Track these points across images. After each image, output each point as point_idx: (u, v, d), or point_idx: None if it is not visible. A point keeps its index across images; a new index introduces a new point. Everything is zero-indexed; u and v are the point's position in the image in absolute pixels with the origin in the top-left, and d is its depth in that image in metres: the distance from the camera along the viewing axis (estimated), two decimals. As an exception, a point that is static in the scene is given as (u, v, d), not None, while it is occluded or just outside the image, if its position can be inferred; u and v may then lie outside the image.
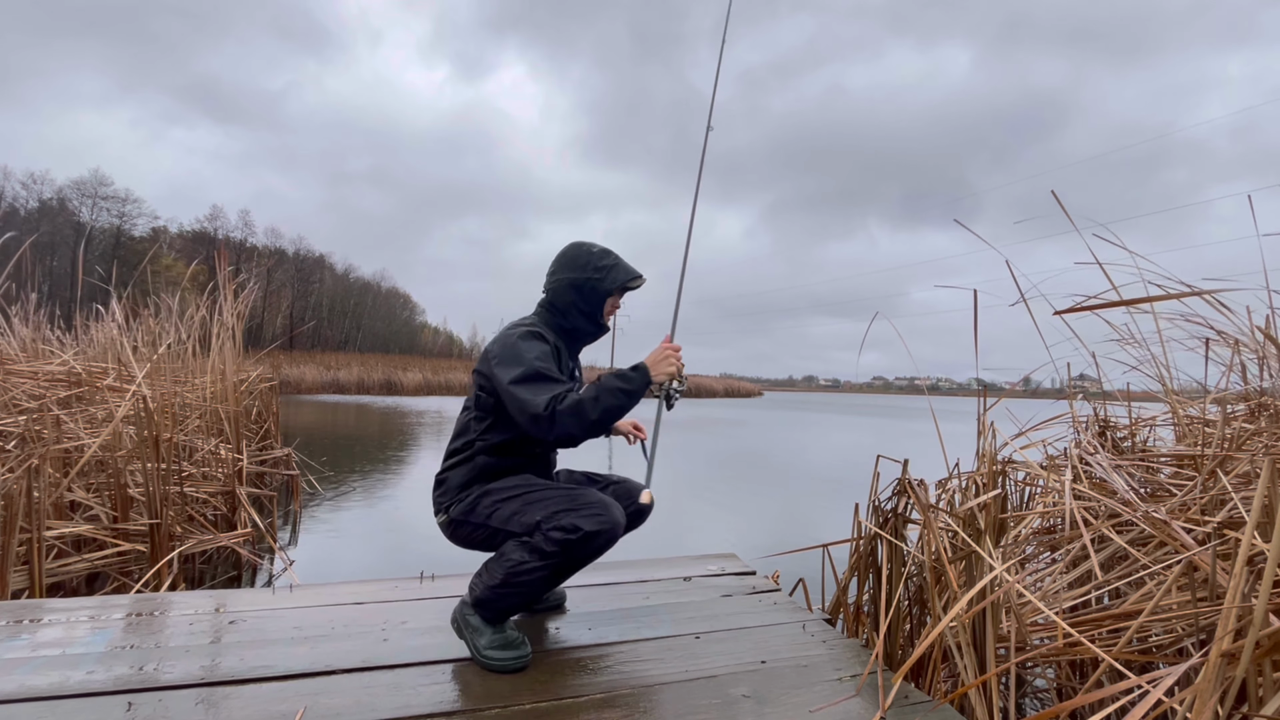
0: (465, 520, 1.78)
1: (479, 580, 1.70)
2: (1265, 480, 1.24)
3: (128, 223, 44.00)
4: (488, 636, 1.64)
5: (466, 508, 1.78)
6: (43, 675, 1.48)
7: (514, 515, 1.71)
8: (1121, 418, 2.82)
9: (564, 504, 1.67)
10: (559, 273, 1.91)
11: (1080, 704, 1.16)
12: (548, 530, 1.62)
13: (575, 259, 1.91)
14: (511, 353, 1.74)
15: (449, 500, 1.82)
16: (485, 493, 1.79)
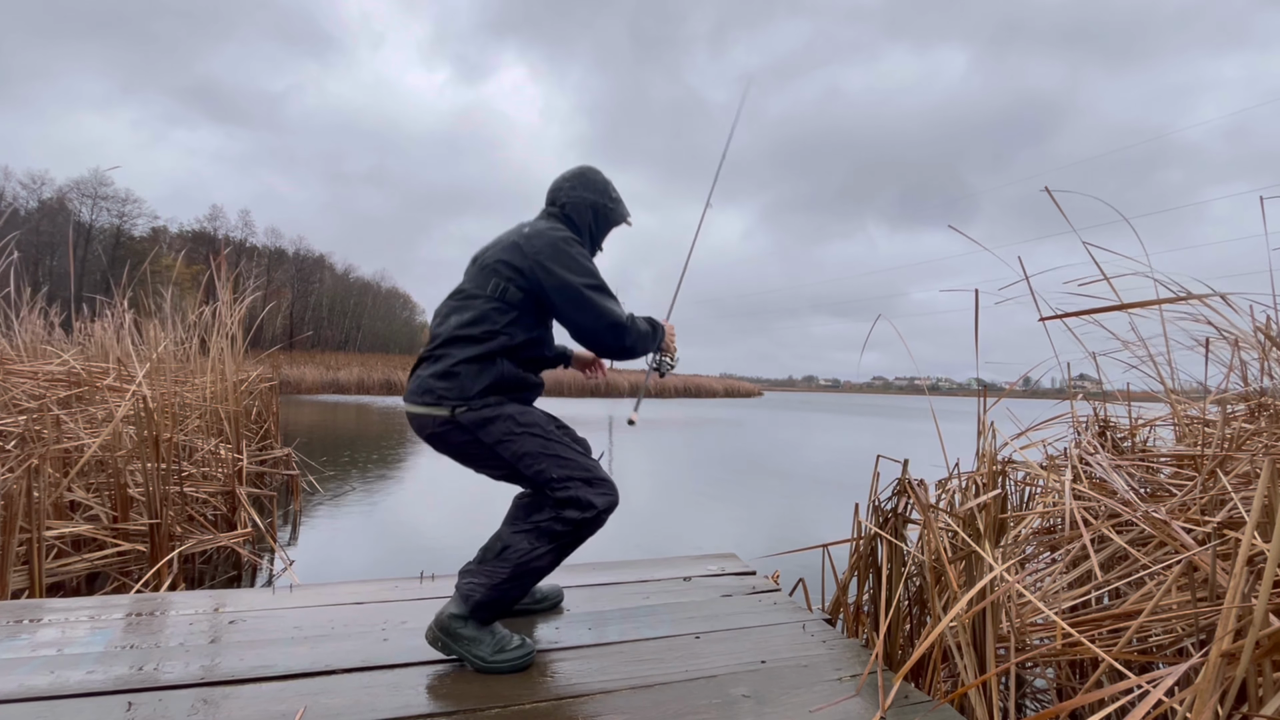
0: (472, 431, 1.65)
1: (478, 583, 1.60)
2: (1265, 480, 1.24)
3: (128, 223, 44.02)
4: (488, 643, 1.59)
5: (479, 419, 1.65)
6: (43, 675, 1.48)
7: (528, 456, 1.64)
8: (1121, 418, 2.82)
9: (580, 471, 1.66)
10: (579, 190, 1.89)
11: (1080, 704, 1.16)
12: (560, 500, 1.60)
13: (594, 182, 1.91)
14: (572, 258, 1.72)
15: (459, 398, 1.65)
16: (506, 415, 1.67)
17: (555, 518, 1.60)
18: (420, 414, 1.67)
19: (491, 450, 1.65)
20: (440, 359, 1.69)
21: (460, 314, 1.73)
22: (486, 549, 1.65)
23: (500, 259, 1.74)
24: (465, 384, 1.65)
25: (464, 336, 1.69)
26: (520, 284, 1.72)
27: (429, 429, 1.68)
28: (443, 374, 1.66)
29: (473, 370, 1.66)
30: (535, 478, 1.64)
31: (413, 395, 1.70)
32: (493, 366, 1.69)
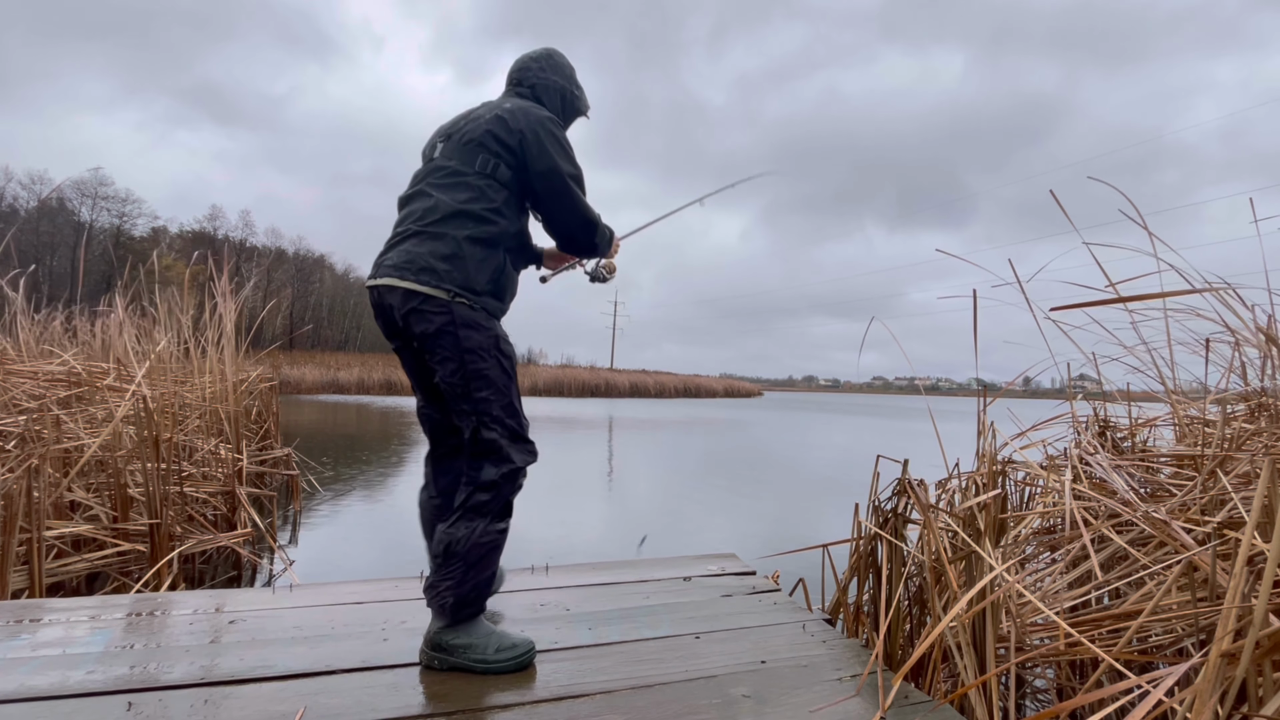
0: (455, 325, 1.53)
1: (445, 588, 1.53)
2: (1265, 480, 1.24)
3: (128, 223, 44.03)
4: (486, 643, 1.55)
5: (472, 318, 1.55)
6: (43, 675, 1.48)
7: (484, 380, 1.56)
8: (1121, 418, 2.82)
9: (514, 422, 1.61)
10: (549, 73, 1.83)
11: (1080, 704, 1.16)
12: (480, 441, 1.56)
13: (563, 66, 1.86)
14: (560, 144, 1.68)
15: (463, 286, 1.55)
16: (493, 332, 1.60)
17: (474, 487, 1.55)
18: (408, 289, 1.53)
19: (460, 354, 1.54)
20: (439, 237, 1.56)
21: (454, 191, 1.60)
22: (434, 556, 1.58)
23: (487, 132, 1.63)
24: (471, 272, 1.56)
25: (466, 212, 1.58)
26: (510, 162, 1.63)
27: (409, 305, 1.54)
28: (447, 255, 1.55)
29: (478, 255, 1.58)
30: (477, 405, 1.56)
31: (401, 270, 1.55)
32: (495, 255, 1.62)
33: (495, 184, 1.63)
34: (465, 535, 1.54)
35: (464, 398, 1.57)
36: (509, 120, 1.65)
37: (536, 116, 1.68)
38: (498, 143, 1.63)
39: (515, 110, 1.67)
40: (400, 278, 1.54)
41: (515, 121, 1.65)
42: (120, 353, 4.33)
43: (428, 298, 1.53)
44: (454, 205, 1.59)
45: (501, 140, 1.63)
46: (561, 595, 2.12)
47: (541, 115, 1.70)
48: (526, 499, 1.76)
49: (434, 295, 1.53)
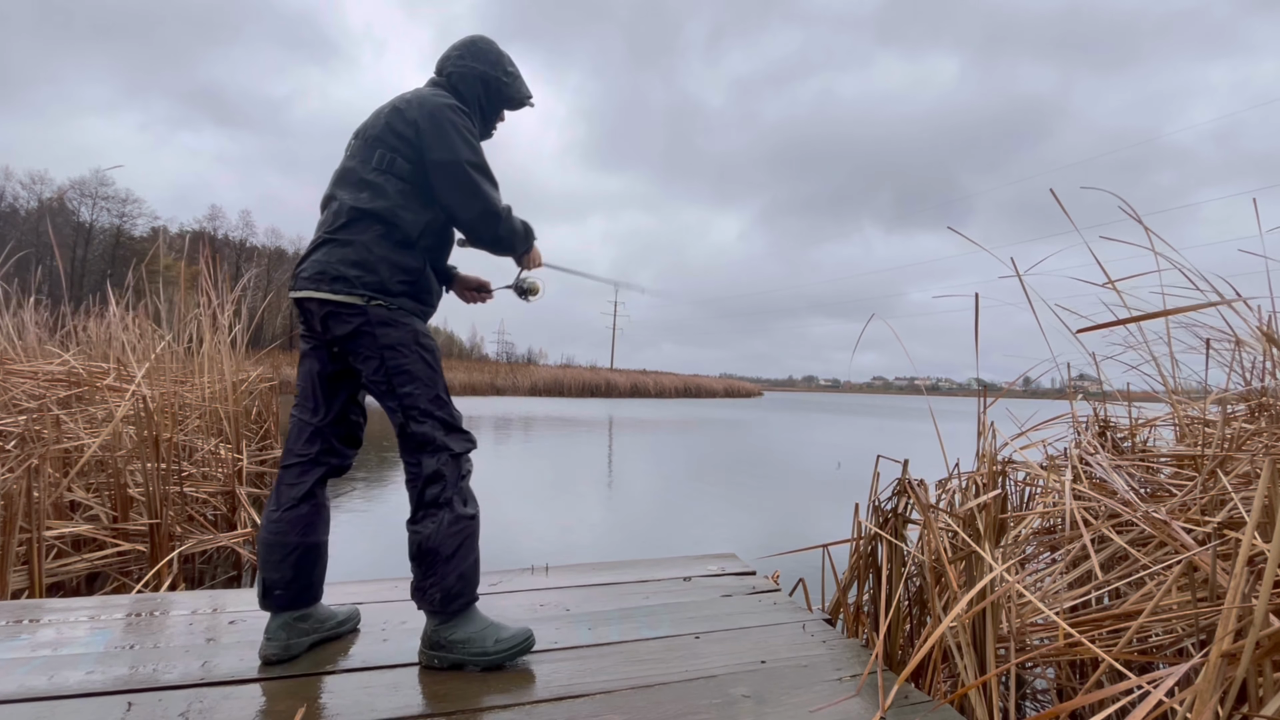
0: (373, 326, 1.54)
1: (430, 585, 1.54)
2: (1265, 480, 1.24)
3: (128, 222, 44.00)
4: (485, 636, 1.56)
5: (388, 317, 1.56)
6: (42, 675, 1.48)
7: (407, 374, 1.57)
8: (1121, 418, 2.82)
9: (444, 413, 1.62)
10: (467, 60, 1.76)
11: (1080, 704, 1.16)
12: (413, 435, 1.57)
13: (487, 53, 1.78)
14: (456, 128, 1.60)
15: (377, 290, 1.55)
16: (411, 327, 1.59)
17: (421, 482, 1.57)
18: (322, 299, 1.55)
19: (379, 351, 1.56)
20: (347, 243, 1.57)
21: (356, 191, 1.60)
22: (412, 559, 1.58)
23: (385, 125, 1.62)
24: (384, 275, 1.57)
25: (369, 213, 1.57)
26: (407, 154, 1.60)
27: (325, 310, 1.55)
28: (357, 261, 1.55)
29: (390, 258, 1.58)
30: (402, 399, 1.57)
31: (315, 281, 1.56)
32: (407, 255, 1.61)
33: (393, 179, 1.60)
34: (434, 530, 1.55)
35: (389, 394, 1.59)
36: (404, 110, 1.62)
37: (434, 103, 1.63)
38: (394, 135, 1.61)
39: (412, 99, 1.65)
40: (315, 289, 1.56)
41: (410, 111, 1.62)
42: (119, 352, 4.32)
43: (341, 304, 1.55)
44: (357, 207, 1.58)
45: (397, 132, 1.61)
46: (561, 595, 2.11)
47: (439, 102, 1.64)
48: (527, 499, 1.76)
49: (349, 302, 1.55)
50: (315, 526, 1.66)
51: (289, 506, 1.63)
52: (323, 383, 1.66)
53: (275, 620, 1.61)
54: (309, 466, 1.67)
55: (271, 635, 1.60)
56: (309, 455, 1.67)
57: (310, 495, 1.65)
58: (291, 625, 1.62)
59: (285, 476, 1.66)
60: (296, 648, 1.61)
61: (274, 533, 1.62)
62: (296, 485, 1.65)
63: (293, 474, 1.66)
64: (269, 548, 1.61)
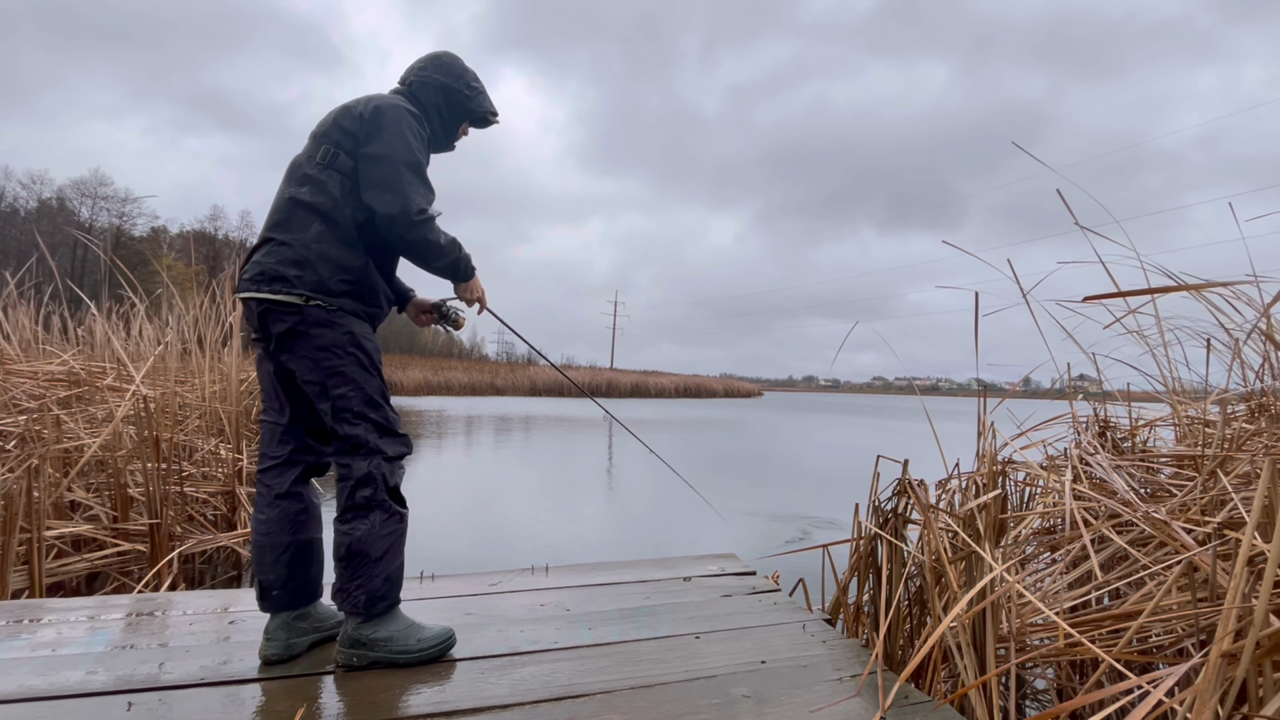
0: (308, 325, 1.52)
1: (355, 587, 1.53)
2: (1265, 480, 1.24)
3: (128, 222, 44.00)
4: (406, 635, 1.57)
5: (325, 318, 1.53)
6: (42, 675, 1.48)
7: (341, 377, 1.54)
8: (1121, 418, 2.82)
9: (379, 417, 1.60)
10: (428, 71, 1.77)
11: (1080, 704, 1.16)
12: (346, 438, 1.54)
13: (450, 67, 1.80)
14: (398, 128, 1.59)
15: (314, 289, 1.52)
16: (347, 329, 1.56)
17: (352, 484, 1.55)
18: (263, 299, 1.54)
19: (314, 352, 1.54)
20: (286, 243, 1.55)
21: (298, 187, 1.59)
22: (339, 560, 1.56)
23: (333, 122, 1.62)
24: (323, 274, 1.54)
25: (309, 207, 1.56)
26: (349, 149, 1.59)
27: (263, 308, 1.55)
28: (296, 260, 1.54)
29: (329, 255, 1.55)
30: (335, 401, 1.55)
31: (256, 282, 1.54)
32: (349, 253, 1.58)
33: (334, 173, 1.58)
34: (365, 532, 1.54)
35: (322, 395, 1.57)
36: (353, 108, 1.63)
37: (383, 101, 1.63)
38: (340, 130, 1.60)
39: (363, 98, 1.65)
40: (256, 289, 1.55)
41: (357, 107, 1.62)
42: (118, 351, 4.32)
43: (280, 303, 1.54)
44: (297, 200, 1.57)
45: (343, 128, 1.60)
46: (561, 595, 2.12)
47: (390, 101, 1.64)
48: (527, 499, 1.77)
49: (286, 301, 1.53)
50: (305, 524, 1.65)
51: (273, 507, 1.63)
52: (281, 383, 1.65)
53: (274, 620, 1.62)
54: (284, 467, 1.66)
55: (271, 635, 1.60)
56: (282, 456, 1.66)
57: (293, 494, 1.64)
58: (291, 625, 1.62)
59: (264, 479, 1.66)
60: (297, 647, 1.61)
61: (264, 534, 1.61)
62: (275, 485, 1.64)
63: (270, 475, 1.66)
64: (261, 549, 1.62)
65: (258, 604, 1.63)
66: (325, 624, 1.71)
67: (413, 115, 1.67)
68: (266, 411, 1.68)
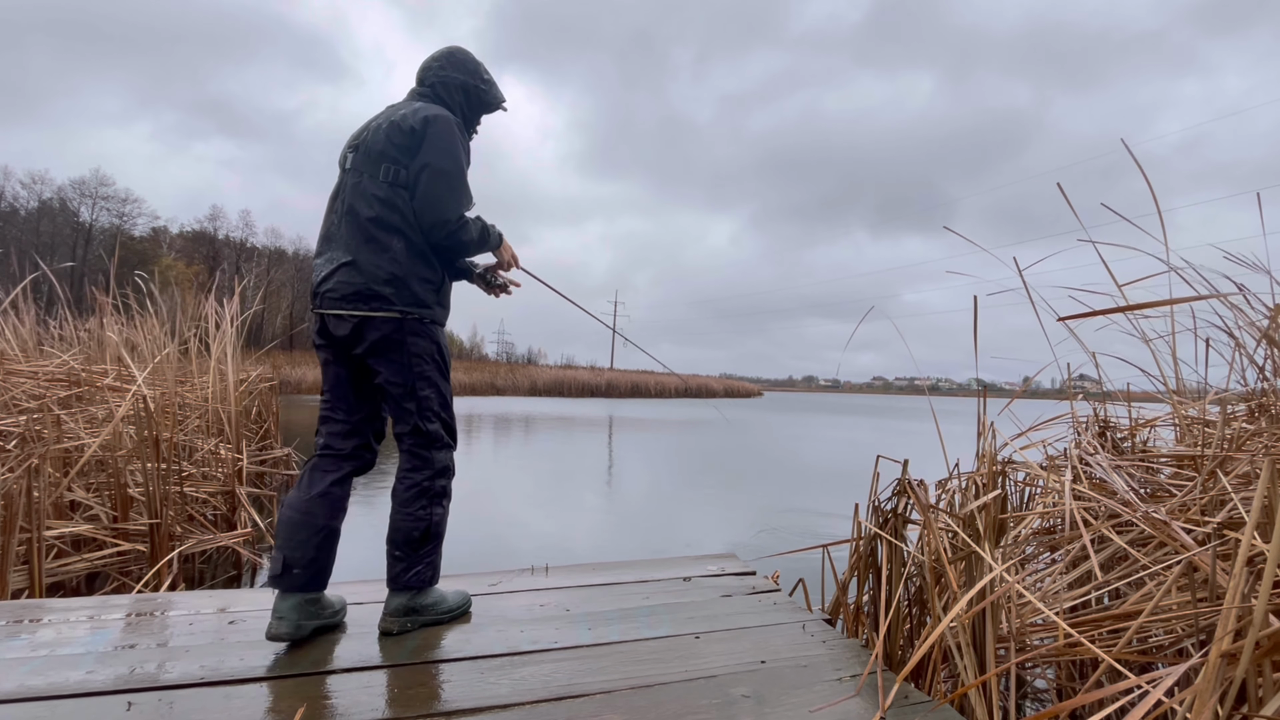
0: (403, 334, 1.69)
1: (430, 561, 1.77)
2: (1265, 480, 1.24)
3: (128, 222, 43.97)
4: (446, 598, 1.83)
5: (419, 327, 1.71)
6: (42, 675, 1.48)
7: (427, 381, 1.75)
8: (1122, 418, 2.82)
9: (450, 417, 1.85)
10: (448, 70, 1.85)
11: (1080, 704, 1.16)
12: (424, 433, 1.76)
13: (465, 63, 1.88)
14: (451, 141, 1.72)
15: (412, 304, 1.69)
16: (435, 339, 1.76)
17: (431, 472, 1.77)
18: (359, 317, 1.67)
19: (406, 358, 1.72)
20: (376, 261, 1.66)
21: (373, 207, 1.68)
22: (412, 542, 1.75)
23: (387, 139, 1.70)
24: (416, 290, 1.70)
25: (388, 227, 1.67)
26: (408, 164, 1.70)
27: (349, 328, 1.67)
28: (387, 279, 1.66)
29: (416, 272, 1.70)
30: (421, 401, 1.76)
31: (351, 301, 1.66)
32: (430, 267, 1.74)
33: (402, 190, 1.69)
34: (441, 516, 1.80)
35: (409, 396, 1.75)
36: (401, 124, 1.71)
37: (433, 112, 1.73)
38: (396, 149, 1.69)
39: (408, 113, 1.73)
40: (353, 308, 1.67)
41: (406, 123, 1.72)
42: (120, 353, 4.32)
43: (379, 319, 1.68)
44: (375, 222, 1.68)
45: (399, 145, 1.70)
46: (561, 596, 2.12)
47: (439, 112, 1.74)
48: (527, 499, 1.80)
49: (386, 316, 1.68)
50: (338, 513, 1.76)
51: (321, 491, 1.72)
52: (355, 386, 1.79)
53: (287, 601, 1.65)
54: (344, 460, 1.78)
55: (283, 615, 1.63)
56: (345, 450, 1.79)
57: (343, 483, 1.77)
58: (302, 607, 1.67)
59: (321, 464, 1.76)
60: (305, 629, 1.66)
61: (303, 513, 1.69)
62: (330, 473, 1.75)
63: (328, 463, 1.76)
64: (295, 527, 1.68)
65: (271, 582, 1.68)
66: (327, 611, 1.77)
67: (456, 122, 1.78)
68: (334, 410, 1.80)
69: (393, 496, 1.80)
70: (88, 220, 41.92)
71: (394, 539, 1.77)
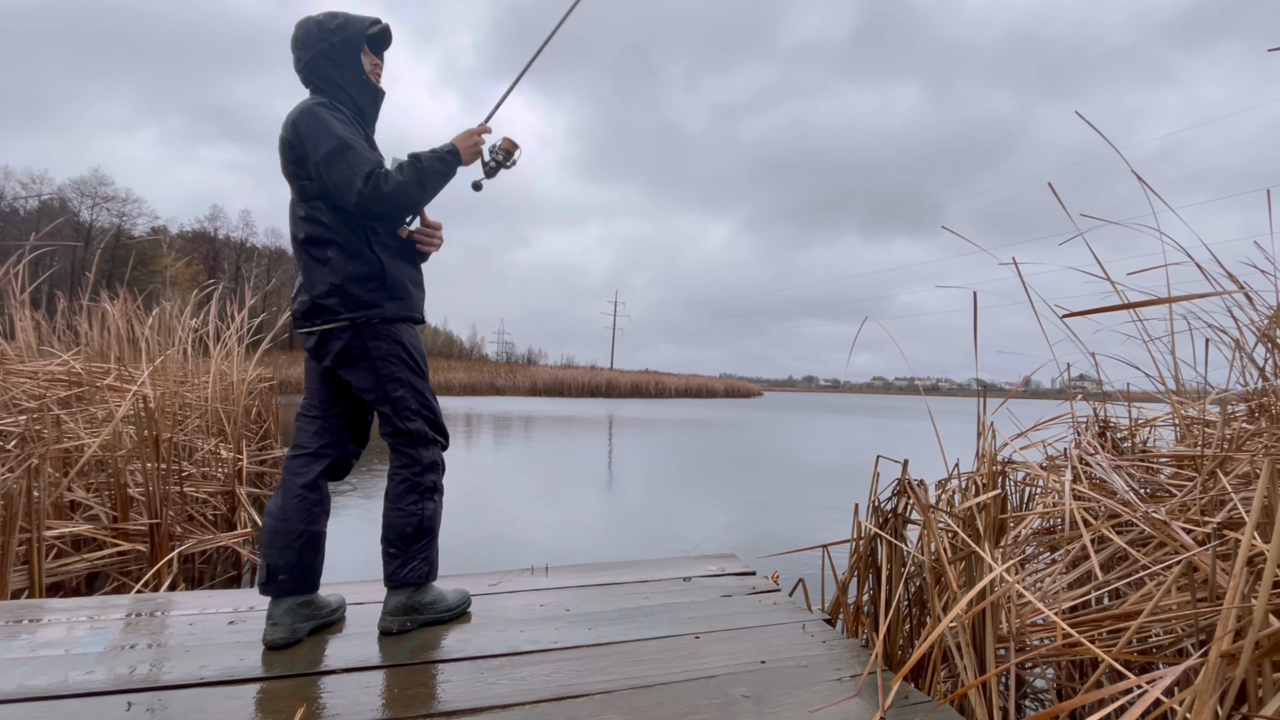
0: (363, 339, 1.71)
1: (424, 556, 1.78)
2: (1265, 481, 1.24)
3: (128, 222, 43.97)
4: (444, 597, 1.84)
5: (374, 330, 1.72)
6: (42, 675, 1.48)
7: (398, 381, 1.76)
8: (1121, 418, 2.82)
9: (429, 412, 1.83)
10: (304, 55, 1.80)
11: (1080, 704, 1.16)
12: (406, 431, 1.77)
13: (307, 35, 1.80)
14: (320, 127, 1.66)
15: (356, 308, 1.70)
16: (396, 338, 1.75)
17: (420, 468, 1.78)
18: (318, 332, 1.73)
19: (371, 363, 1.74)
20: (317, 277, 1.71)
21: (303, 226, 1.72)
22: (406, 539, 1.77)
23: (283, 158, 1.73)
24: (359, 293, 1.71)
25: (317, 240, 1.70)
26: (309, 174, 1.69)
27: (314, 342, 1.75)
28: (330, 290, 1.69)
29: (353, 272, 1.70)
30: (396, 403, 1.77)
31: (310, 318, 1.74)
32: (365, 263, 1.71)
33: (314, 201, 1.71)
34: (433, 511, 1.81)
35: (383, 400, 1.77)
36: (285, 135, 1.71)
37: (294, 115, 1.71)
38: (290, 163, 1.71)
39: (286, 123, 1.73)
40: (311, 324, 1.74)
41: (286, 133, 1.71)
42: (120, 353, 4.33)
43: (330, 331, 1.73)
44: (309, 242, 1.72)
45: (293, 160, 1.71)
46: (561, 596, 2.12)
47: (299, 110, 1.72)
48: (527, 499, 1.80)
49: (334, 327, 1.72)
50: (318, 516, 1.76)
51: (296, 495, 1.72)
52: (333, 387, 1.82)
53: (279, 606, 1.67)
54: (313, 459, 1.78)
55: (277, 620, 1.65)
56: (313, 448, 1.79)
57: (315, 486, 1.76)
58: (295, 610, 1.68)
59: (292, 466, 1.77)
60: (300, 632, 1.68)
61: (280, 519, 1.70)
62: (302, 475, 1.75)
63: (298, 464, 1.76)
64: (275, 534, 1.69)
65: (260, 589, 1.69)
66: (323, 611, 1.79)
67: (322, 105, 1.72)
68: (308, 408, 1.83)
69: (385, 496, 1.82)
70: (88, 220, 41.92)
71: (387, 536, 1.79)
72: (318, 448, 1.79)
